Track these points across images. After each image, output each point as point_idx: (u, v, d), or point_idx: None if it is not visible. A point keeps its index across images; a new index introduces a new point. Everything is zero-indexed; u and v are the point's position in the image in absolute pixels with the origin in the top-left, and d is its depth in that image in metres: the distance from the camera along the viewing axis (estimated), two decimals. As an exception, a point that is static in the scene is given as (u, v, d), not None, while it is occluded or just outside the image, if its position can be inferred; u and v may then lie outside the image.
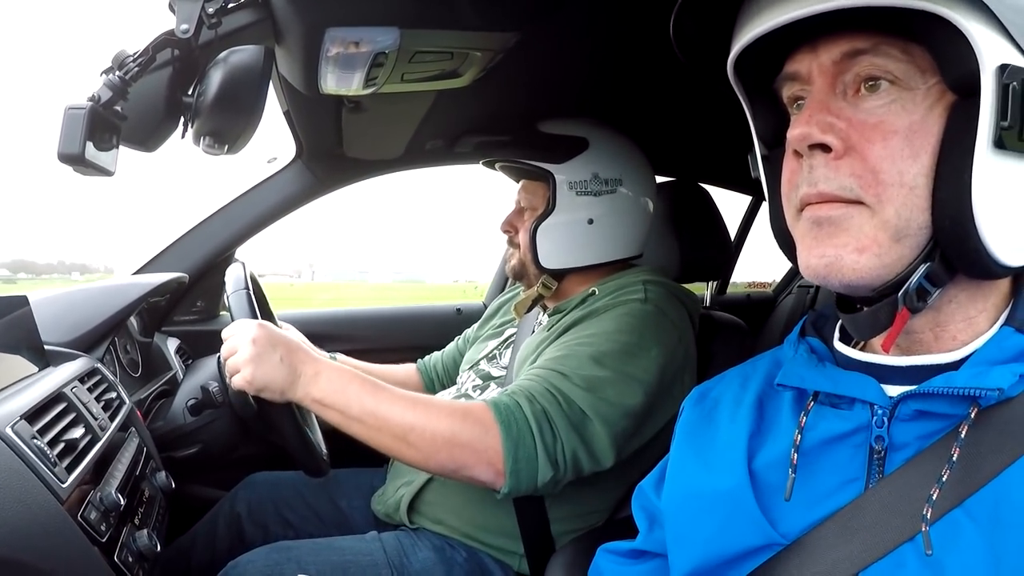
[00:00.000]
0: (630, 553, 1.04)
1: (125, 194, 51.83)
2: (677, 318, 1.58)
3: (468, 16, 1.15)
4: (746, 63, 0.78)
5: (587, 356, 1.44)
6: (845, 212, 0.68)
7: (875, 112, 0.68)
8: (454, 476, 1.35)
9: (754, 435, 0.84)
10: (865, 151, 0.67)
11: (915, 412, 0.70)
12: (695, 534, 0.85)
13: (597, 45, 1.42)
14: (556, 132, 1.71)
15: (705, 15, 0.77)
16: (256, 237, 2.34)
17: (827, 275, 0.69)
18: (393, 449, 1.33)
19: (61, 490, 0.98)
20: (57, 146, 0.97)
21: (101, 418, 1.29)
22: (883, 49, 0.67)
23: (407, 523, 1.63)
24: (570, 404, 1.38)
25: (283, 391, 1.33)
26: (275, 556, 1.46)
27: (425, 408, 1.34)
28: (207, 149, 1.11)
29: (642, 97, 1.78)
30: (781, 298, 3.75)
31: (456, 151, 2.14)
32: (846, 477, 0.74)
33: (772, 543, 0.76)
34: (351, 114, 1.66)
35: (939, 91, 0.66)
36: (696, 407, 0.97)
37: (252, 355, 1.32)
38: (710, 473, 0.86)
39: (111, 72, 1.02)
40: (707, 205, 2.07)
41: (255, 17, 1.15)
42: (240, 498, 1.82)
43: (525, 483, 1.32)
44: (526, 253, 1.72)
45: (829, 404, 0.78)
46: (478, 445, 1.32)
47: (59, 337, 1.52)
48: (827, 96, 0.71)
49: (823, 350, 0.83)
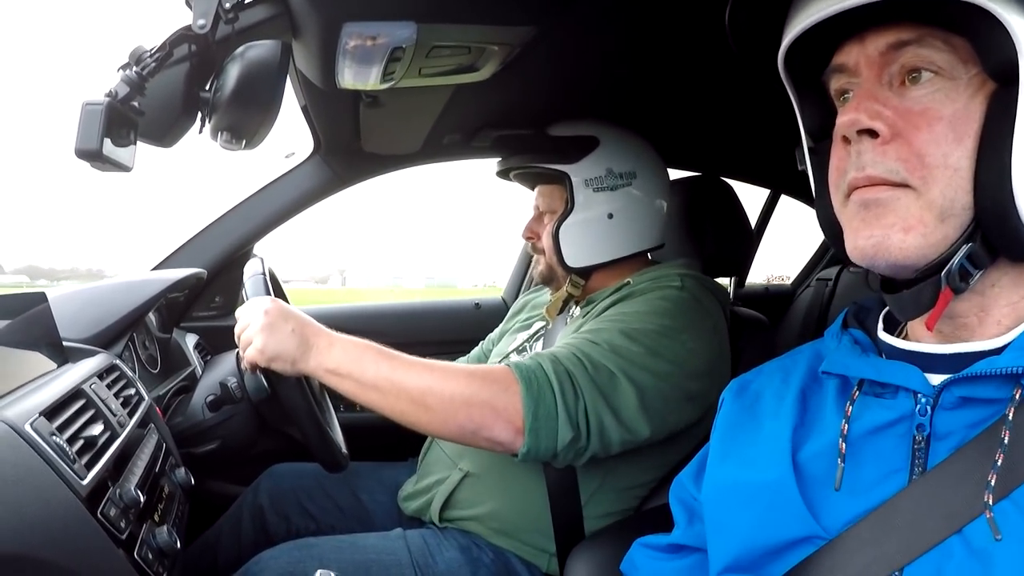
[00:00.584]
0: (668, 548, 1.04)
1: (141, 196, 50.85)
2: (712, 308, 1.57)
3: (483, 9, 1.15)
4: (795, 57, 0.80)
5: (618, 330, 1.43)
6: (892, 194, 0.70)
7: (920, 100, 0.70)
8: (473, 440, 1.33)
9: (798, 427, 0.84)
10: (911, 137, 0.69)
11: (959, 399, 0.71)
12: (736, 524, 0.85)
13: (616, 39, 1.40)
14: (566, 134, 1.72)
15: (758, 7, 0.80)
16: (282, 242, 2.34)
17: (875, 255, 0.71)
18: (410, 414, 1.32)
19: (80, 487, 0.98)
20: (75, 142, 0.97)
21: (120, 414, 1.29)
22: (927, 40, 0.69)
23: (436, 522, 1.61)
24: (596, 367, 1.35)
25: (294, 360, 1.33)
26: (297, 553, 1.45)
27: (443, 371, 1.33)
28: (224, 144, 1.11)
29: (661, 91, 1.77)
30: (799, 291, 3.73)
31: (474, 145, 2.13)
32: (890, 468, 0.74)
33: (814, 535, 0.76)
34: (368, 108, 1.66)
35: (980, 80, 0.68)
36: (737, 400, 0.97)
37: (264, 325, 1.33)
38: (753, 466, 0.86)
39: (128, 68, 1.01)
40: (731, 200, 2.06)
41: (272, 12, 1.15)
42: (263, 489, 1.82)
43: (544, 443, 1.30)
44: (551, 256, 1.72)
45: (873, 394, 0.78)
46: (497, 403, 1.30)
47: (78, 333, 1.52)
48: (874, 86, 0.73)
49: (866, 341, 0.84)
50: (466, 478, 1.59)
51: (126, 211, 60.16)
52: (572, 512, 1.53)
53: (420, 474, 1.74)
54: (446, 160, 2.40)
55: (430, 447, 1.75)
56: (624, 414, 1.35)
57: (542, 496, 1.52)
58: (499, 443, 1.32)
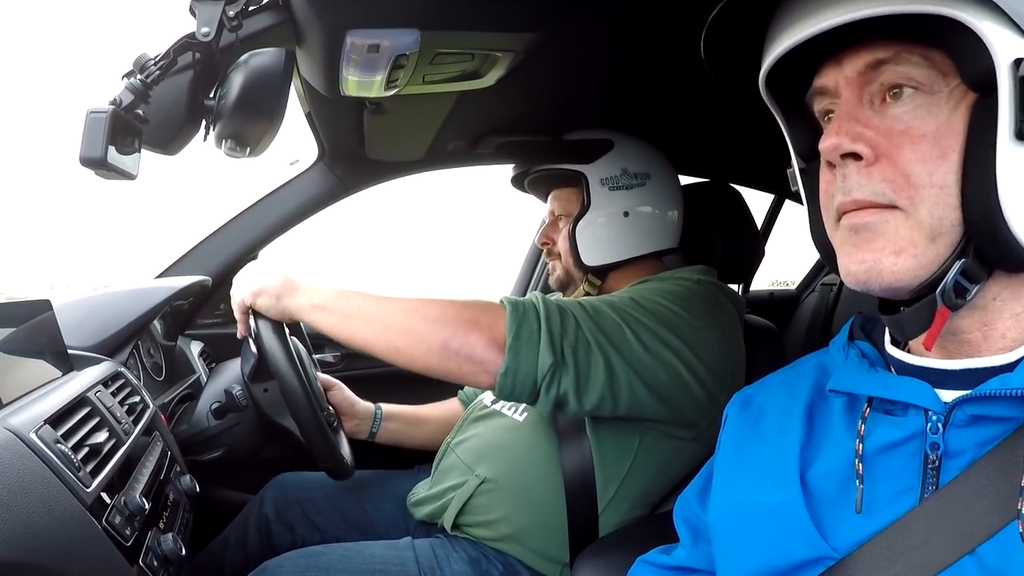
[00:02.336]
0: (671, 568, 1.03)
1: (145, 204, 50.85)
2: (729, 310, 1.57)
3: (487, 17, 1.15)
4: (778, 80, 0.81)
5: (628, 296, 1.44)
6: (880, 217, 0.70)
7: (902, 118, 0.70)
8: (456, 363, 1.33)
9: (805, 445, 0.83)
10: (895, 157, 0.69)
11: (971, 417, 0.70)
12: (744, 546, 0.85)
13: (620, 45, 1.40)
14: (579, 138, 1.74)
15: (734, 37, 0.82)
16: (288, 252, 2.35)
17: (867, 280, 0.71)
18: (395, 339, 1.35)
19: (85, 494, 0.98)
20: (79, 150, 0.97)
21: (125, 422, 1.29)
22: (904, 57, 0.69)
23: (447, 529, 1.59)
24: (598, 311, 1.37)
25: (279, 295, 1.41)
26: (303, 562, 1.45)
27: (427, 298, 1.37)
28: (229, 152, 1.11)
29: (667, 97, 1.77)
30: (804, 296, 3.72)
31: (478, 152, 2.13)
32: (901, 487, 0.73)
33: (824, 556, 0.76)
34: (373, 116, 1.66)
35: (961, 92, 0.68)
36: (741, 415, 0.96)
37: (252, 271, 1.45)
38: (761, 485, 0.85)
39: (132, 76, 1.02)
40: (739, 206, 2.05)
41: (275, 20, 1.15)
42: (268, 498, 1.81)
43: (524, 365, 1.30)
44: (567, 257, 1.73)
45: (883, 411, 0.77)
46: (482, 319, 1.33)
47: (82, 341, 1.52)
48: (855, 107, 0.73)
49: (874, 355, 0.83)
50: (483, 484, 1.57)
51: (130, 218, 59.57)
52: (589, 519, 1.52)
53: (434, 479, 1.72)
54: (451, 167, 2.40)
55: (445, 453, 1.74)
56: (634, 359, 1.35)
57: (559, 503, 1.51)
58: (480, 362, 1.32)
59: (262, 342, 1.43)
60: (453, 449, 1.70)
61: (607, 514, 1.52)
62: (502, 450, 1.58)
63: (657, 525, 1.19)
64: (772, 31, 0.76)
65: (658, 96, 1.77)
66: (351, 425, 1.84)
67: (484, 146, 2.05)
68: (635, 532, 1.45)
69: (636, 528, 1.49)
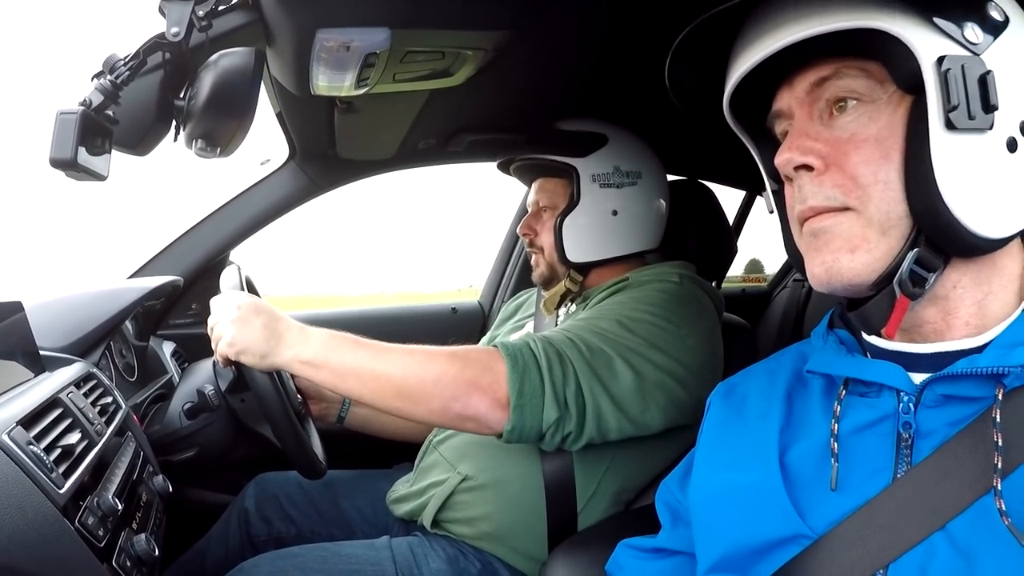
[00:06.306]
0: (652, 550, 1.06)
1: (116, 204, 50.09)
2: (709, 309, 1.58)
3: (457, 15, 1.15)
4: (743, 108, 0.88)
5: (616, 319, 1.43)
6: (835, 220, 0.76)
7: (847, 128, 0.76)
8: (459, 422, 1.31)
9: (784, 428, 0.87)
10: (843, 163, 0.75)
11: (941, 397, 0.74)
12: (723, 525, 0.87)
13: (590, 43, 1.41)
14: (574, 129, 1.72)
15: (698, 69, 0.89)
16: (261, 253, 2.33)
17: (829, 279, 0.76)
18: (392, 400, 1.30)
19: (58, 495, 0.98)
20: (49, 151, 0.96)
21: (97, 423, 1.29)
22: (844, 72, 0.76)
23: (427, 527, 1.59)
24: (592, 350, 1.34)
25: (264, 355, 1.30)
26: (279, 563, 1.44)
27: (424, 353, 1.32)
28: (199, 152, 1.11)
29: (639, 95, 1.78)
30: (776, 292, 3.75)
31: (449, 150, 2.14)
32: (875, 466, 0.76)
33: (800, 535, 0.78)
34: (343, 115, 1.66)
35: (898, 97, 0.74)
36: (724, 403, 1.00)
37: (234, 318, 1.31)
38: (740, 467, 0.88)
39: (102, 76, 1.02)
40: (712, 204, 2.07)
41: (245, 19, 1.15)
42: (249, 495, 1.81)
43: (529, 421, 1.29)
44: (551, 252, 1.72)
45: (858, 394, 0.81)
46: (482, 381, 1.29)
47: (54, 342, 1.52)
48: (806, 123, 0.79)
49: (851, 341, 0.86)
50: (464, 482, 1.57)
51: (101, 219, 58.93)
52: (568, 516, 1.53)
53: (416, 477, 1.72)
54: (422, 165, 2.40)
55: (428, 450, 1.74)
56: (622, 400, 1.34)
57: (539, 500, 1.51)
58: (485, 423, 1.31)
59: (256, 385, 1.38)
60: (436, 447, 1.70)
61: (586, 512, 1.53)
62: (484, 448, 1.58)
63: (633, 520, 1.20)
64: (731, 62, 0.83)
65: (629, 93, 1.77)
66: (318, 409, 1.80)
67: (455, 144, 2.06)
68: (611, 527, 1.46)
69: (612, 523, 1.50)
